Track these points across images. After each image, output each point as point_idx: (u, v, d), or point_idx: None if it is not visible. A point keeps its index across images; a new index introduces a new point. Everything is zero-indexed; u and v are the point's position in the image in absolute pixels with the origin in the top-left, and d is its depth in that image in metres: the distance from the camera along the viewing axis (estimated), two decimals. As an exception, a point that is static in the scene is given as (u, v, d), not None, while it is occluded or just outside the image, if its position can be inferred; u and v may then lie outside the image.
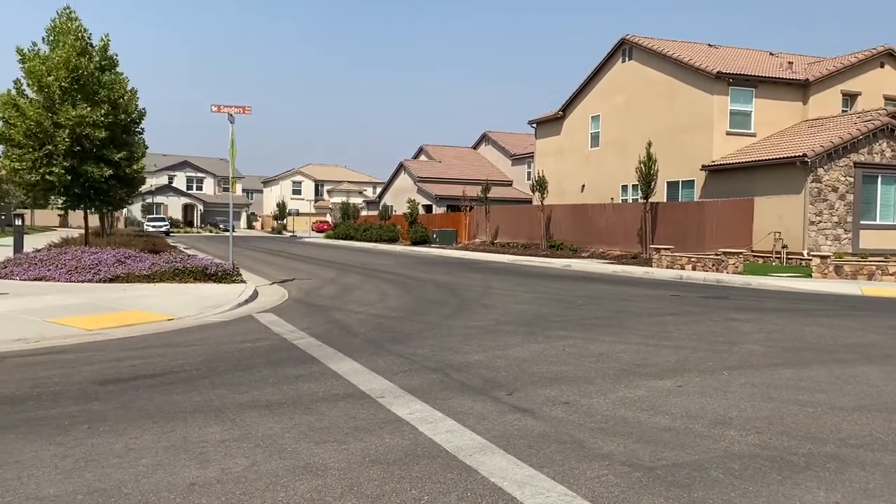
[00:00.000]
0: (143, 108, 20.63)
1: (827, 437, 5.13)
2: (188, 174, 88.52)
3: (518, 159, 54.01)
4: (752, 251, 24.86)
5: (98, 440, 4.89)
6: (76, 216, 60.46)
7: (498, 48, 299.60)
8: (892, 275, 19.13)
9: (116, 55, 19.48)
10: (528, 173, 49.06)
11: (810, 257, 21.32)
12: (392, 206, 54.13)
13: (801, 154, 23.26)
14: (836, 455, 4.74)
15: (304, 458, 4.56)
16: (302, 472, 4.30)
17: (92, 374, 6.98)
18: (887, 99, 29.39)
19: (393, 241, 47.62)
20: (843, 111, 28.72)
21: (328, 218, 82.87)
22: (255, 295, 14.06)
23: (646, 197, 27.14)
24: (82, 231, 23.60)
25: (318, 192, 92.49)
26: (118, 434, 5.03)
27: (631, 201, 31.63)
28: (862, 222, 24.09)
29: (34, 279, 15.43)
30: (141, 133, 21.38)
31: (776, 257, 24.06)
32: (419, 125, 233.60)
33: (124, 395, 6.13)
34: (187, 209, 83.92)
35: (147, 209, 77.27)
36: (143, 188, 58.27)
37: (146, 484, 4.10)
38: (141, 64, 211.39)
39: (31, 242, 25.18)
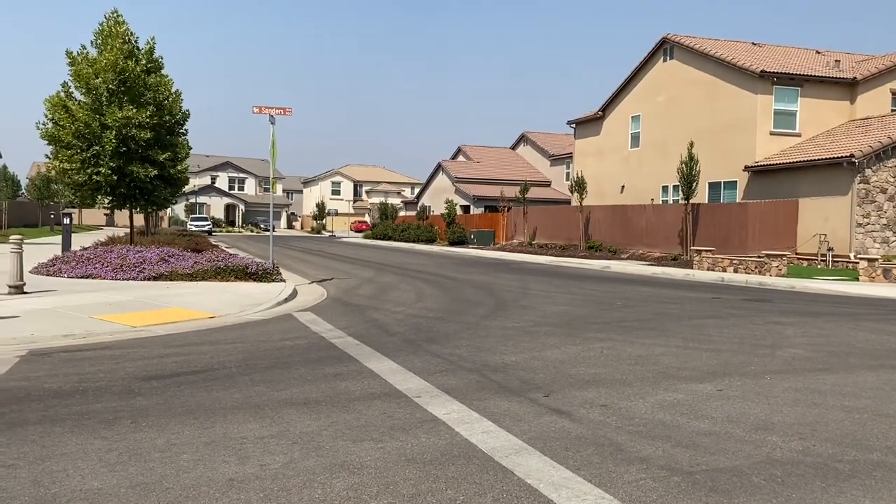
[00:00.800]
0: (187, 110, 21.04)
1: (873, 445, 4.99)
2: (230, 174, 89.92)
3: (557, 160, 53.70)
4: (797, 254, 24.34)
5: (141, 435, 4.99)
6: (122, 215, 61.94)
7: (538, 48, 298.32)
8: (943, 279, 18.55)
9: (161, 58, 19.91)
10: (567, 174, 48.74)
11: (857, 260, 20.78)
12: (430, 207, 54.28)
13: (848, 154, 22.69)
14: (882, 463, 4.62)
15: (341, 456, 4.60)
16: (338, 470, 4.34)
17: (136, 369, 7.14)
18: (940, 97, 28.50)
19: (431, 241, 47.72)
20: (892, 110, 27.94)
21: (367, 218, 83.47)
22: (294, 294, 14.22)
23: (687, 198, 26.75)
24: (128, 230, 24.13)
25: (356, 193, 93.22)
26: (160, 429, 5.13)
27: (671, 202, 31.21)
28: (912, 224, 23.40)
29: (81, 276, 15.83)
30: (185, 134, 21.77)
31: (821, 260, 23.51)
32: (458, 126, 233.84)
33: (167, 391, 6.25)
34: (229, 209, 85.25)
35: (190, 209, 78.72)
36: (187, 188, 59.21)
37: (187, 479, 4.18)
38: (184, 66, 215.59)
39: (79, 241, 25.86)
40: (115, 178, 18.26)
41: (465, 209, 51.91)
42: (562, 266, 25.86)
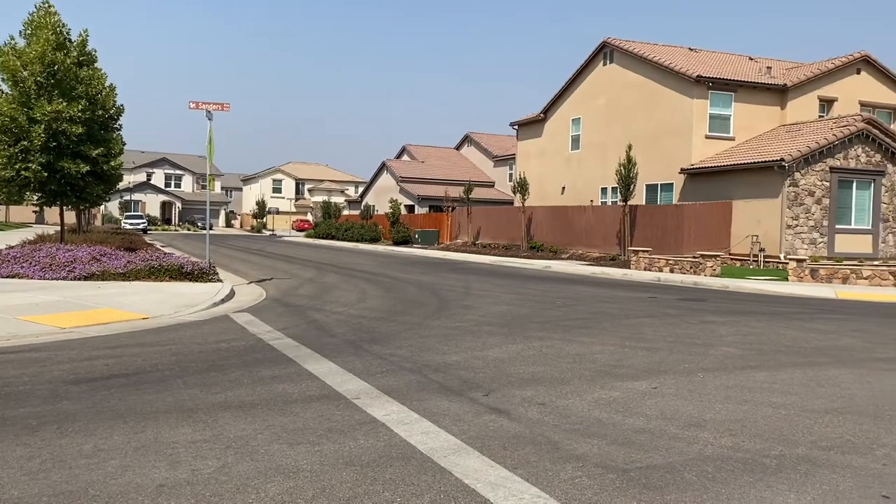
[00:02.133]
0: (122, 105, 20.50)
1: (799, 440, 5.17)
2: (167, 171, 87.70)
3: (500, 161, 54.11)
4: (730, 254, 25.08)
5: (67, 441, 4.81)
6: (52, 212, 59.70)
7: (481, 49, 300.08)
8: (865, 278, 19.38)
9: (95, 51, 19.33)
10: (510, 175, 49.16)
11: (787, 261, 21.55)
12: (374, 206, 54.02)
13: (778, 158, 23.49)
14: (807, 457, 4.78)
15: (277, 459, 4.52)
16: (273, 474, 4.26)
17: (63, 373, 6.87)
18: (863, 105, 29.77)
19: (375, 240, 47.49)
20: (819, 116, 29.06)
21: (309, 217, 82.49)
22: (231, 294, 13.95)
23: (625, 199, 27.29)
24: (58, 228, 23.28)
25: (298, 191, 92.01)
26: (88, 434, 4.95)
27: (610, 203, 31.78)
28: (837, 226, 24.38)
29: (7, 276, 15.19)
30: (119, 129, 21.21)
31: (753, 260, 24.29)
32: (402, 125, 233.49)
33: (96, 395, 6.04)
34: (165, 206, 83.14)
35: (125, 206, 76.48)
36: (121, 185, 57.69)
37: (114, 485, 4.04)
38: (120, 61, 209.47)
39: (5, 239, 24.85)
40: (45, 174, 17.60)
41: (410, 209, 51.83)
42: (505, 266, 26.06)
